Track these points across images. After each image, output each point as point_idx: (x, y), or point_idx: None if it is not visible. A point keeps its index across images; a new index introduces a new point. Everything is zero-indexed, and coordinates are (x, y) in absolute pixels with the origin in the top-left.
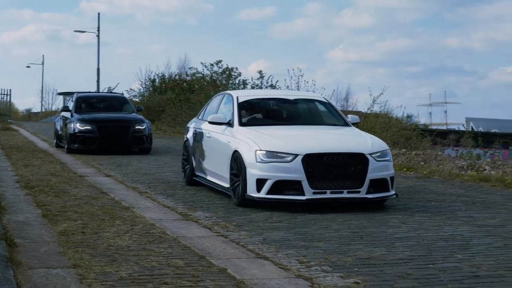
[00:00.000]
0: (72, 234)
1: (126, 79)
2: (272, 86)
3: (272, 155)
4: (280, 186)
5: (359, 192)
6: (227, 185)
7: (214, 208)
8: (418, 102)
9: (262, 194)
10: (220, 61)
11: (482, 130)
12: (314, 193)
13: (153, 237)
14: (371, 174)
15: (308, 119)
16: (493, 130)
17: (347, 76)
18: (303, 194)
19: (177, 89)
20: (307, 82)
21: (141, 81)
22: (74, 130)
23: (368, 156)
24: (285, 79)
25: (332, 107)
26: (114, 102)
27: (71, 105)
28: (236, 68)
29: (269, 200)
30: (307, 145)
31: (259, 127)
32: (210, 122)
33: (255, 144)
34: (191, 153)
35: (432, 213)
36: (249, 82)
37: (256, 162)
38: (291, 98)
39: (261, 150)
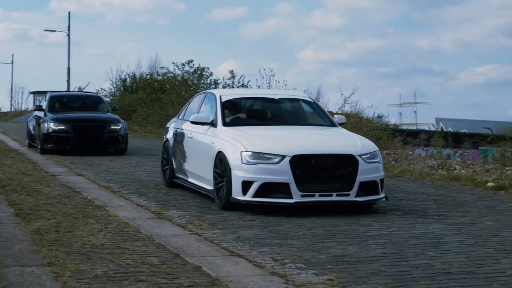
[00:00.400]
0: (46, 233)
1: (96, 79)
2: (244, 86)
3: (258, 156)
4: (267, 188)
5: (348, 195)
6: (210, 187)
7: (187, 207)
8: (388, 102)
9: (248, 197)
10: (191, 61)
11: (452, 130)
12: (302, 196)
13: (127, 235)
14: (361, 176)
15: (293, 119)
16: (462, 130)
17: (318, 76)
18: (291, 197)
19: (148, 89)
20: (278, 82)
21: (112, 81)
22: (47, 129)
23: (358, 158)
24: (256, 79)
25: (318, 107)
26: (89, 101)
27: (44, 104)
28: (208, 68)
29: (256, 204)
30: (295, 146)
31: (244, 127)
32: (193, 122)
33: (240, 144)
34: (172, 154)
35: (403, 212)
36: (221, 82)
37: (242, 163)
38: (276, 97)
39: (246, 151)
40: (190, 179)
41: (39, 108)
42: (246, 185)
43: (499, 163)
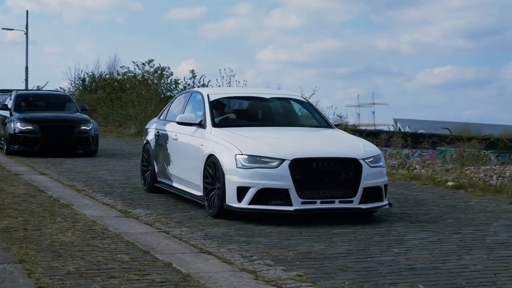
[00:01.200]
0: (14, 231)
1: (54, 78)
2: (204, 86)
3: (255, 160)
4: (264, 195)
5: (351, 201)
6: (199, 193)
7: (153, 206)
8: (346, 103)
9: (243, 204)
10: (151, 61)
11: (410, 131)
12: (303, 203)
13: (95, 233)
14: (365, 182)
15: (287, 120)
16: (420, 131)
17: (277, 76)
18: (291, 204)
19: (108, 88)
20: (239, 82)
21: (71, 80)
22: (14, 130)
23: (361, 162)
24: (216, 79)
25: (312, 107)
26: (57, 100)
27: (10, 103)
28: (169, 68)
29: (252, 211)
30: (294, 149)
31: (235, 128)
32: (179, 123)
33: (234, 147)
34: (153, 157)
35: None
36: (181, 82)
37: (237, 167)
38: (267, 96)
39: (242, 154)
40: (175, 184)
41: (4, 107)
42: (241, 191)
43: (458, 163)
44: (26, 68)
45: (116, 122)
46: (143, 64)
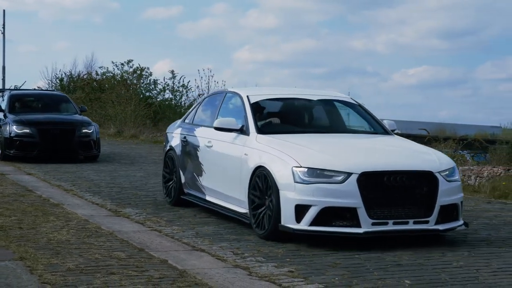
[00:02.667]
0: (10, 229)
1: (31, 77)
2: (184, 87)
3: (316, 173)
4: (326, 214)
5: (427, 222)
6: (244, 210)
7: (142, 205)
8: None
9: (303, 226)
10: (131, 61)
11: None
12: (373, 224)
13: (89, 232)
14: (442, 199)
15: (338, 125)
16: (396, 131)
17: (254, 76)
18: (359, 226)
19: (87, 88)
20: (217, 82)
21: (49, 80)
22: (10, 133)
23: (438, 175)
24: (195, 79)
25: (364, 110)
26: (54, 101)
27: (3, 104)
28: (148, 68)
29: (313, 233)
30: (362, 161)
31: (284, 135)
32: (217, 128)
33: (290, 158)
34: (179, 166)
35: None
36: (161, 82)
37: (295, 182)
38: (313, 98)
39: (300, 166)
40: (209, 198)
41: None
42: (300, 210)
43: None
44: (3, 67)
45: (95, 122)
46: (122, 64)
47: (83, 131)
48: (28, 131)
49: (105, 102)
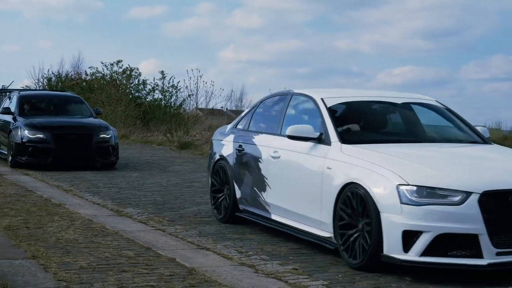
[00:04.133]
0: (17, 229)
1: (17, 77)
2: (174, 87)
3: (427, 193)
4: (440, 242)
5: None
6: (326, 234)
7: (142, 205)
8: None
9: (413, 256)
10: (120, 61)
11: None
12: (498, 254)
13: (95, 231)
14: None
15: (433, 133)
16: None
17: (238, 76)
18: (480, 256)
19: (76, 88)
20: (206, 82)
21: (37, 79)
22: (22, 139)
23: None
24: (184, 80)
25: (455, 115)
26: (67, 102)
27: (12, 106)
28: (137, 69)
29: (425, 266)
30: (480, 178)
31: (372, 145)
32: (291, 137)
33: (393, 174)
34: (234, 179)
35: None
36: (150, 83)
37: (401, 203)
38: (397, 101)
39: (407, 184)
40: (275, 217)
41: (6, 110)
42: (409, 236)
43: None
44: None
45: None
46: (112, 64)
47: (101, 136)
48: (41, 136)
49: (95, 103)
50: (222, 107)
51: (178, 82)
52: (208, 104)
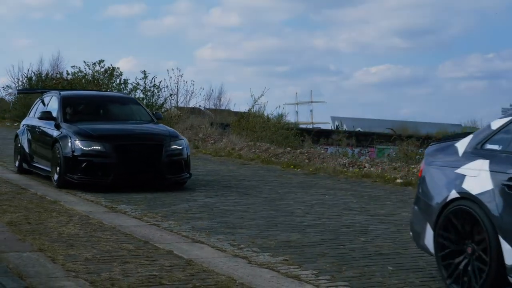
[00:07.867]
0: (20, 224)
1: None
2: (156, 87)
3: None
4: None
5: None
6: None
7: (134, 202)
8: (285, 101)
9: None
10: (102, 61)
11: (346, 129)
12: None
13: (94, 226)
14: None
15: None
16: (357, 129)
17: (216, 74)
18: None
19: (58, 88)
20: (186, 82)
21: (17, 78)
22: (73, 151)
23: None
24: (164, 79)
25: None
26: (120, 105)
27: (54, 110)
28: (118, 68)
29: None
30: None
31: None
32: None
33: None
34: (499, 232)
35: (329, 205)
36: (132, 82)
37: None
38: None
39: None
40: None
41: (46, 115)
42: None
43: (403, 161)
44: None
45: None
46: (94, 64)
47: (173, 147)
48: (99, 148)
49: None
50: (200, 105)
51: (160, 82)
52: (188, 103)
